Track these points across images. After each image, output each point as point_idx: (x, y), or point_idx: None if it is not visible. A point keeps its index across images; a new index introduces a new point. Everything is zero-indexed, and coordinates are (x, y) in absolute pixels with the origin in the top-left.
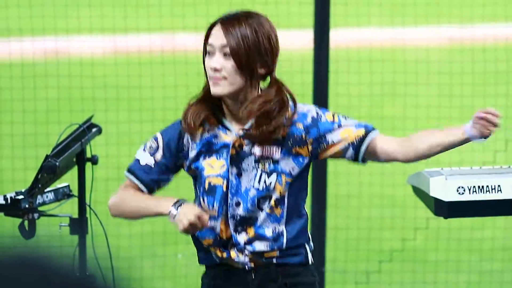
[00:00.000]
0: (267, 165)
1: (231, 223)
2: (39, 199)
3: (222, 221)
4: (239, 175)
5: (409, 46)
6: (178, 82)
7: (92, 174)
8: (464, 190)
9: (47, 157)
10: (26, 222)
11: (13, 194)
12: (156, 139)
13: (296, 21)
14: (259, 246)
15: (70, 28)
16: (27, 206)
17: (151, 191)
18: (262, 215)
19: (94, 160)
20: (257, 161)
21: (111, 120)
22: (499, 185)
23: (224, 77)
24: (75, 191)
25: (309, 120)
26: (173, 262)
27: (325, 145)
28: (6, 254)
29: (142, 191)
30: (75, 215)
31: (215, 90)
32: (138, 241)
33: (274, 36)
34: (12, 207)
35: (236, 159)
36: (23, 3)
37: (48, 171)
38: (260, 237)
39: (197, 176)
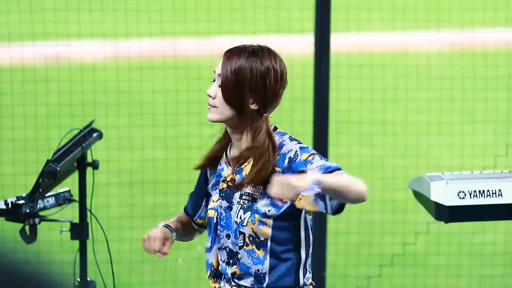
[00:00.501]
0: (245, 202)
1: (222, 254)
2: (40, 204)
3: (215, 252)
4: (229, 208)
5: (410, 51)
6: (179, 87)
7: (93, 179)
8: (464, 195)
9: (48, 162)
10: (27, 227)
11: (14, 199)
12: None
13: (297, 26)
14: (243, 282)
15: (71, 33)
16: (28, 211)
17: (191, 215)
18: (242, 251)
19: (95, 165)
20: (240, 196)
21: (112, 125)
22: (499, 190)
23: (215, 105)
24: (75, 196)
25: (286, 162)
26: (174, 267)
27: None
28: (7, 259)
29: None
30: (76, 220)
31: (208, 116)
32: (139, 246)
33: (274, 76)
34: (13, 212)
35: (228, 193)
36: (24, 8)
37: (49, 176)
38: (244, 273)
39: None
